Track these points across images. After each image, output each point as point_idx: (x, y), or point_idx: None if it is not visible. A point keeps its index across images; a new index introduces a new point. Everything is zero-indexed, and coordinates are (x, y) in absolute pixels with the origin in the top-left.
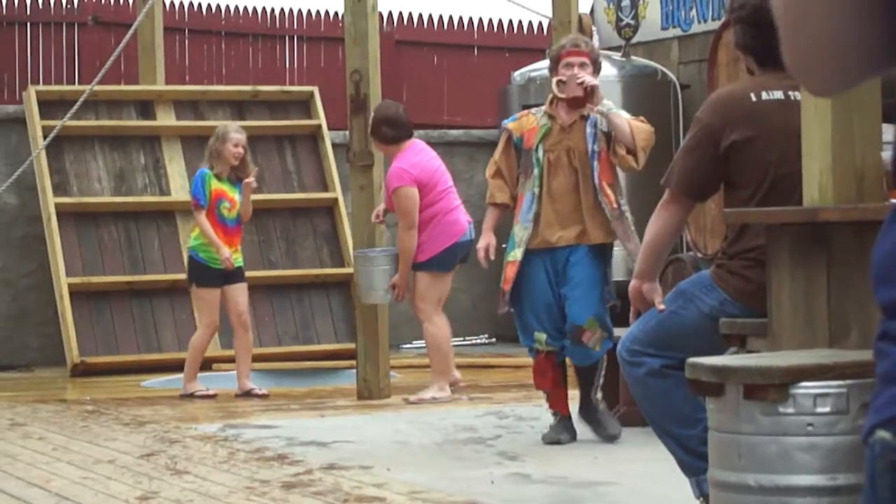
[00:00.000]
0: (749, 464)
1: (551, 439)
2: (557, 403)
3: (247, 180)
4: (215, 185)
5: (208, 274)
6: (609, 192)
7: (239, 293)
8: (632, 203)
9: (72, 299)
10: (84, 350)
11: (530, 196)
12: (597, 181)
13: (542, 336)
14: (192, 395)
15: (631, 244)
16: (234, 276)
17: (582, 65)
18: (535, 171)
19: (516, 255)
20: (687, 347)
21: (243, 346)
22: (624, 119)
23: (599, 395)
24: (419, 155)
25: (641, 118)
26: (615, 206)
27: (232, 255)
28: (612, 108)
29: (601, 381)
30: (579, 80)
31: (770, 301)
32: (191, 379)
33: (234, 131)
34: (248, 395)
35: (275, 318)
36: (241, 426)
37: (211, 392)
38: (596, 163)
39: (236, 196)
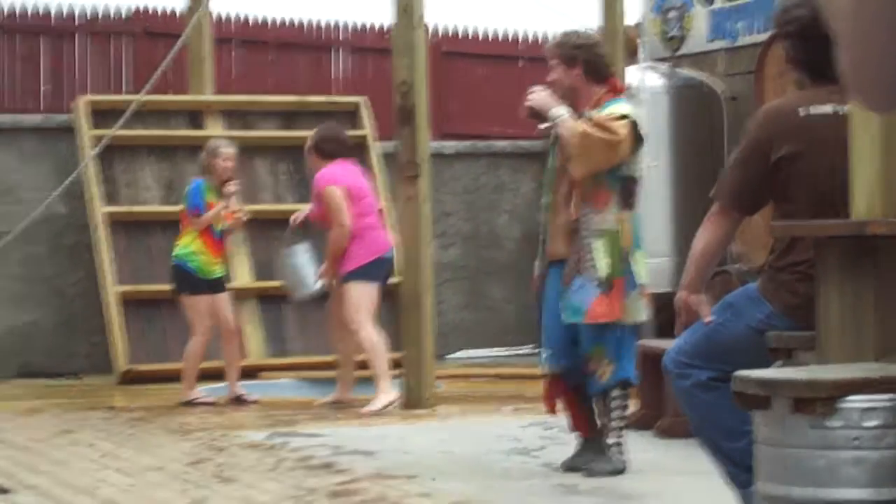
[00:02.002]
0: (796, 477)
1: (566, 465)
2: (575, 425)
3: (226, 189)
4: (210, 196)
5: (198, 282)
6: (572, 202)
7: (224, 302)
8: (678, 214)
9: (120, 308)
10: (132, 358)
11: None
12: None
13: (545, 354)
14: (191, 403)
15: (574, 263)
16: (219, 286)
17: (553, 67)
18: (546, 179)
19: (537, 267)
20: (734, 360)
21: (231, 352)
22: (568, 127)
23: (612, 439)
24: (348, 170)
25: (608, 122)
26: (573, 217)
27: (221, 265)
28: (561, 117)
29: (618, 423)
30: (525, 102)
31: (818, 314)
32: (190, 386)
33: (225, 146)
34: (237, 400)
35: (322, 328)
36: (287, 434)
37: (210, 399)
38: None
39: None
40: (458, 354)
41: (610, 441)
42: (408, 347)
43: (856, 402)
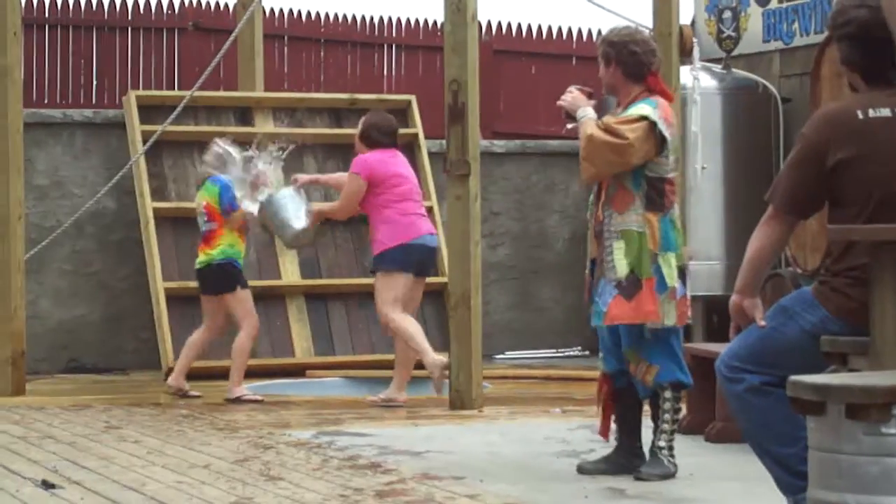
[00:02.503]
0: (850, 484)
1: (582, 468)
2: (601, 428)
3: (255, 180)
4: None
5: (243, 278)
6: (599, 204)
7: None
8: (730, 217)
9: (168, 303)
10: (179, 354)
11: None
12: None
13: (600, 353)
14: (238, 400)
15: (600, 265)
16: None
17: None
18: None
19: (588, 266)
20: (787, 365)
21: (201, 349)
22: (586, 128)
23: (662, 441)
24: (388, 155)
25: (616, 126)
26: (599, 219)
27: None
28: (584, 118)
29: (669, 426)
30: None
31: (872, 319)
32: (238, 383)
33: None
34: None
35: (369, 326)
36: (334, 433)
37: (258, 397)
38: None
39: None
40: (506, 355)
41: (661, 444)
42: (455, 347)
43: None
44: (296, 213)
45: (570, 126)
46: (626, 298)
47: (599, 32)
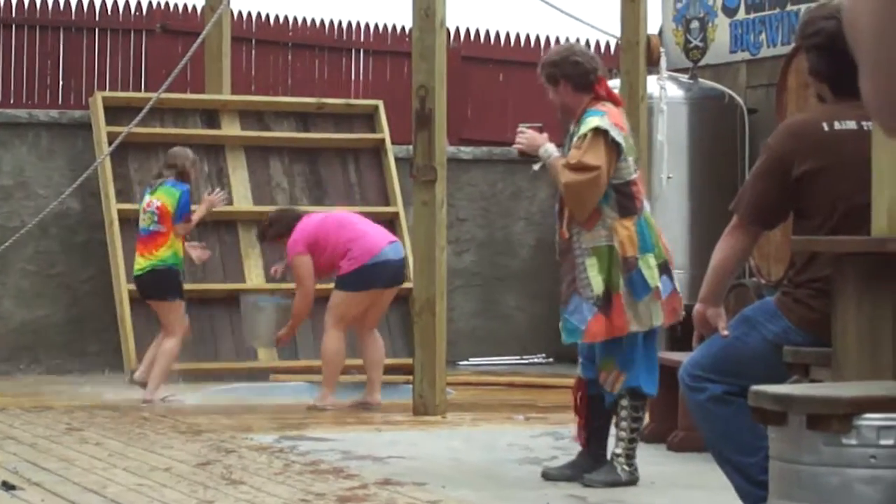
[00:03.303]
0: (810, 494)
1: (547, 474)
2: (577, 434)
3: (214, 197)
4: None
5: (181, 287)
6: (563, 221)
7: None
8: (695, 227)
9: (131, 305)
10: (142, 356)
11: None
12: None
13: (580, 360)
14: (164, 400)
15: (570, 282)
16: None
17: (546, 90)
18: None
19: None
20: (750, 374)
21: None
22: (560, 177)
23: (619, 449)
24: (303, 222)
25: (581, 158)
26: (564, 237)
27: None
28: (549, 158)
29: (626, 433)
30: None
31: (835, 330)
32: (156, 387)
33: (192, 154)
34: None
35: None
36: (296, 438)
37: (178, 398)
38: None
39: None
40: (470, 362)
41: (618, 451)
42: (419, 353)
43: (872, 420)
44: (267, 333)
45: (536, 167)
46: (604, 315)
47: (567, 40)
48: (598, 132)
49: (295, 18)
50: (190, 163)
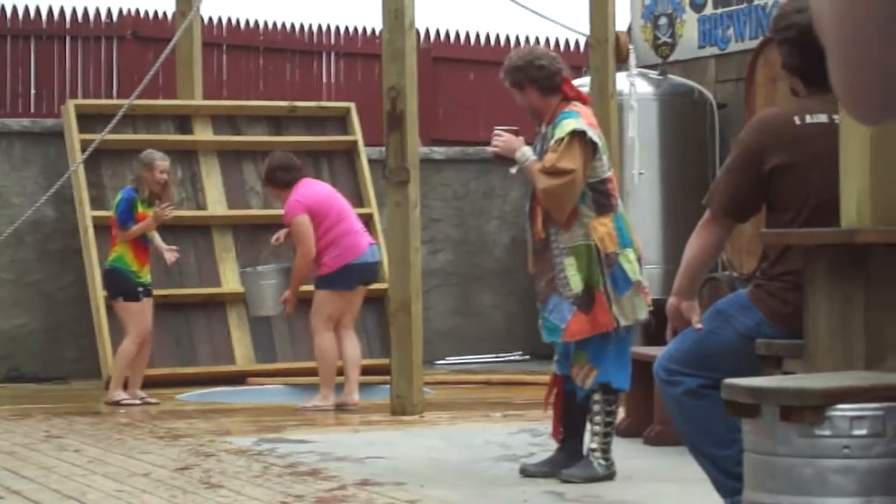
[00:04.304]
0: (784, 486)
1: (525, 470)
2: (552, 429)
3: (160, 211)
4: (140, 208)
5: (133, 288)
6: (537, 221)
7: (148, 307)
8: (668, 222)
9: (108, 312)
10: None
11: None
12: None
13: (555, 357)
14: (118, 403)
15: (548, 281)
16: (147, 292)
17: (513, 95)
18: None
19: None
20: (723, 367)
21: (143, 357)
22: (537, 182)
23: (594, 444)
24: (309, 187)
25: (557, 162)
26: (540, 237)
27: (145, 271)
28: (525, 163)
29: (600, 428)
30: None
31: (806, 322)
32: (117, 387)
33: (160, 159)
34: (142, 402)
35: (308, 333)
36: (275, 440)
37: (137, 402)
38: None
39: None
40: (447, 361)
41: (593, 446)
42: (396, 353)
43: (845, 410)
44: (273, 300)
45: (513, 171)
46: (584, 313)
47: (537, 40)
48: (575, 135)
49: (266, 23)
50: (144, 167)
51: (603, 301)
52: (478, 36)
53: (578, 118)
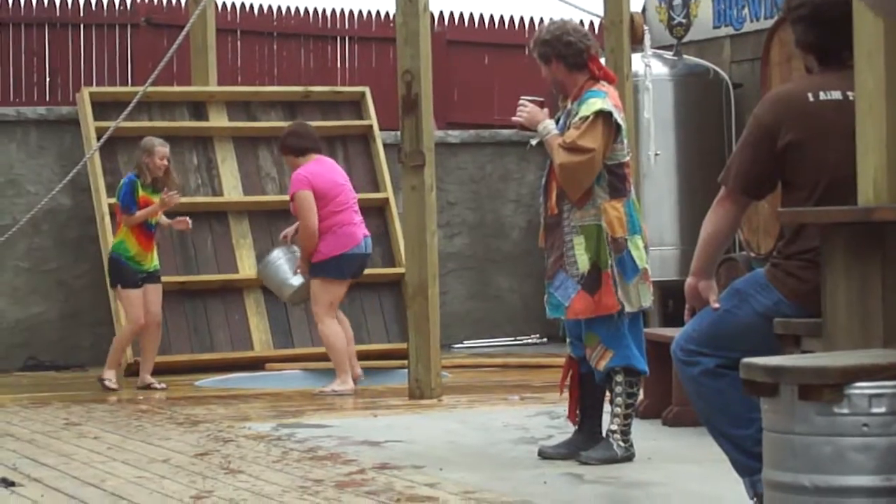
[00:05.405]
0: (803, 464)
1: (543, 452)
2: (568, 411)
3: (167, 197)
4: (141, 192)
5: (132, 275)
6: (552, 196)
7: (154, 293)
8: (684, 203)
9: None
10: (137, 350)
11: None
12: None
13: (568, 339)
14: (101, 380)
15: (557, 258)
16: (151, 277)
17: (540, 67)
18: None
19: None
20: (741, 347)
21: (151, 343)
22: (555, 156)
23: (614, 426)
24: (322, 166)
25: (579, 140)
26: (553, 212)
27: (149, 258)
28: (547, 136)
29: (620, 410)
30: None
31: (824, 301)
32: (109, 367)
33: (160, 145)
34: (147, 388)
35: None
36: (293, 426)
37: (114, 385)
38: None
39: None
40: (464, 344)
41: (613, 428)
42: (413, 337)
43: (863, 388)
44: (290, 272)
45: (534, 142)
46: (589, 293)
47: (551, 21)
48: (600, 114)
49: (279, 8)
50: (144, 153)
51: (609, 283)
52: (492, 18)
53: (606, 98)
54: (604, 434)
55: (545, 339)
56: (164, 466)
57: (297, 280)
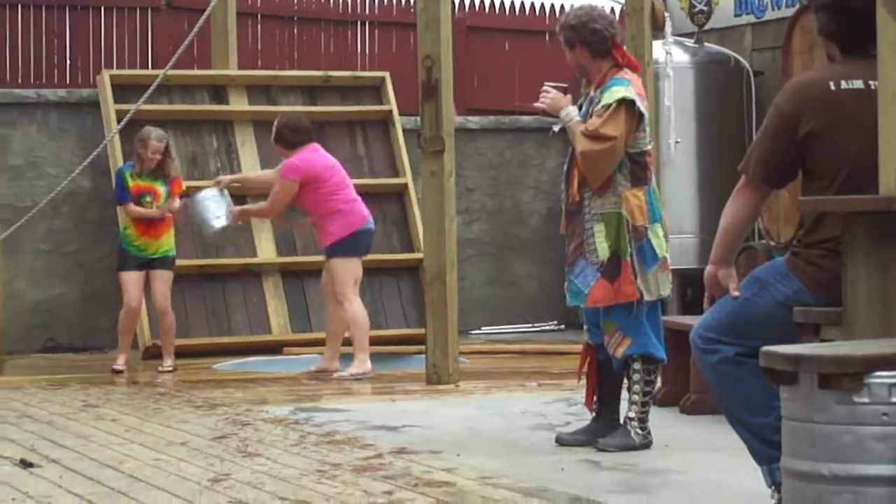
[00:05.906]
0: (822, 453)
1: (561, 439)
2: (585, 398)
3: (161, 211)
4: (133, 182)
5: (129, 261)
6: (574, 183)
7: (157, 280)
8: (704, 191)
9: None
10: (156, 332)
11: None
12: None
13: (585, 326)
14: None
15: (578, 245)
16: (155, 263)
17: (565, 51)
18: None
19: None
20: (761, 335)
21: (161, 331)
22: (577, 144)
23: (632, 413)
24: (315, 153)
25: (601, 128)
26: (575, 199)
27: (154, 244)
28: (569, 122)
29: (638, 397)
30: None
31: (845, 289)
32: (118, 351)
33: (155, 139)
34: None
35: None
36: (311, 409)
37: (119, 367)
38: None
39: (161, 188)
40: (482, 330)
41: (630, 415)
42: (431, 323)
43: (883, 377)
44: (216, 212)
45: (556, 129)
46: (608, 280)
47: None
48: (623, 102)
49: None
50: (139, 143)
51: (628, 271)
52: (512, 4)
53: (629, 86)
54: (621, 421)
55: (563, 326)
56: (181, 449)
57: (219, 223)
